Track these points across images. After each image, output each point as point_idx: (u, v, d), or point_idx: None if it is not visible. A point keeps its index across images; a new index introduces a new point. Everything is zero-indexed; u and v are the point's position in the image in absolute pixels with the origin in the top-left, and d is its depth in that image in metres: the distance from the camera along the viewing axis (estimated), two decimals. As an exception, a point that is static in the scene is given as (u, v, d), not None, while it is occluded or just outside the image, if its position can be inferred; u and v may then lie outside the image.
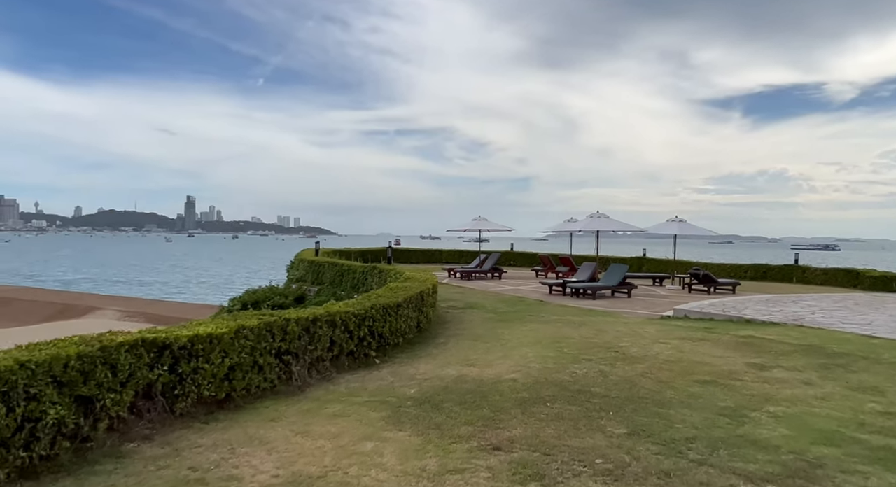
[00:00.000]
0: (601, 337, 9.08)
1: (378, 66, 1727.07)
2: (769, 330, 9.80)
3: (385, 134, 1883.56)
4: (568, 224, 19.09)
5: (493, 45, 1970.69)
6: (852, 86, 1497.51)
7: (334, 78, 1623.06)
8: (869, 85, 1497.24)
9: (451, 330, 10.06)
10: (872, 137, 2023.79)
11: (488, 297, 16.35)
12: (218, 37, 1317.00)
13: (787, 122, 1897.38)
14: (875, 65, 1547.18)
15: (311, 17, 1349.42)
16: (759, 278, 24.93)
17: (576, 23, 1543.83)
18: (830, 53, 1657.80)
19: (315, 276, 18.59)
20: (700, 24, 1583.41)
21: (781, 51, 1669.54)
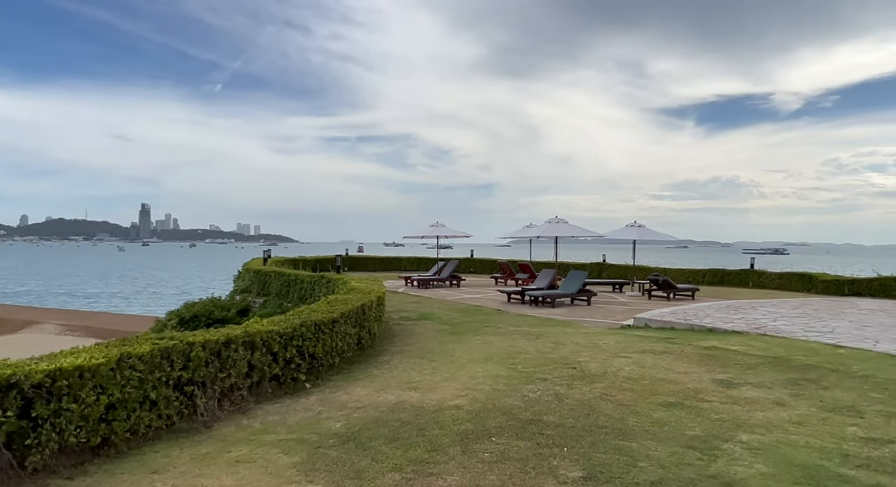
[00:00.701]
0: (558, 351, 8.42)
1: (340, 72, 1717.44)
2: (732, 339, 9.34)
3: (347, 140, 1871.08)
4: (527, 230, 18.55)
5: (454, 53, 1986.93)
6: (798, 96, 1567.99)
7: (295, 84, 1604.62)
8: (813, 95, 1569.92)
9: (399, 346, 9.25)
10: (816, 146, 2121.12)
11: (444, 307, 15.60)
12: (174, 41, 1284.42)
13: (738, 131, 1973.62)
14: (819, 76, 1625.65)
15: (271, 22, 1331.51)
16: (716, 283, 24.97)
17: (535, 32, 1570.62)
18: (778, 65, 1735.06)
19: (261, 287, 17.49)
20: (655, 35, 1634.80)
21: (732, 62, 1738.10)
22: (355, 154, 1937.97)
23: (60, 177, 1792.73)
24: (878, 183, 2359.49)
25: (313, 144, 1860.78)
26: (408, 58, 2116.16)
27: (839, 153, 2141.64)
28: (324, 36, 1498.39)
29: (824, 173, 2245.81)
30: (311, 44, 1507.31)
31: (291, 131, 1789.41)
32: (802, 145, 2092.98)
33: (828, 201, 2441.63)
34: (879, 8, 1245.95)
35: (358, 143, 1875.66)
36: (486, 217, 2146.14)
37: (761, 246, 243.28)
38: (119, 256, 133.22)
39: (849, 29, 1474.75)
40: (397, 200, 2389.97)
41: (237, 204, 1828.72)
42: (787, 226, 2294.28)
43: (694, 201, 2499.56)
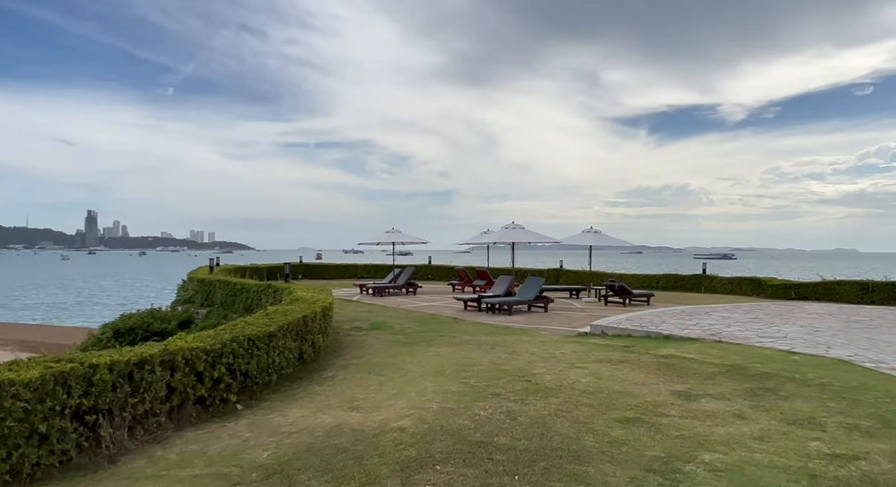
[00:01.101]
0: (513, 362, 8.05)
1: (297, 77, 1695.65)
2: (689, 347, 9.18)
3: (305, 146, 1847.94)
4: (484, 236, 18.25)
5: (413, 60, 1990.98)
6: (742, 107, 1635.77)
7: (251, 89, 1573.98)
8: (756, 107, 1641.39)
9: (347, 359, 8.70)
10: (760, 155, 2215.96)
11: (399, 315, 15.10)
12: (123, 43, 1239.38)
13: (688, 140, 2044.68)
14: (761, 89, 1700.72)
15: (226, 26, 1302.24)
16: (670, 288, 25.28)
17: (492, 41, 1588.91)
18: (724, 77, 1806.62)
19: (205, 297, 16.57)
20: (608, 47, 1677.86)
21: (681, 74, 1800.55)
22: (314, 160, 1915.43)
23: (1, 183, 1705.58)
24: (817, 191, 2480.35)
25: (270, 150, 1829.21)
26: (366, 64, 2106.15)
27: (781, 162, 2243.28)
28: (280, 40, 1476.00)
29: (768, 181, 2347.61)
30: (268, 48, 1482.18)
31: (248, 137, 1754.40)
32: (748, 154, 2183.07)
33: (772, 208, 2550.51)
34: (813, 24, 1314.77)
35: (316, 149, 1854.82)
36: (445, 223, 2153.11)
37: (711, 252, 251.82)
38: (62, 265, 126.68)
39: (787, 44, 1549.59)
40: (357, 207, 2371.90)
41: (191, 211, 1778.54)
42: (734, 232, 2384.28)
43: (647, 208, 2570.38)
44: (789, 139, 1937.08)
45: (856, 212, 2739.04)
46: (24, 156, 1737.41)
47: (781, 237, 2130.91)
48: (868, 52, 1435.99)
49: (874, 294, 19.35)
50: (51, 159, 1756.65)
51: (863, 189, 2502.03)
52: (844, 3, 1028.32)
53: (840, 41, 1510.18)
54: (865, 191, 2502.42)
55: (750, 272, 57.91)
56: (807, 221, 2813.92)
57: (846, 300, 19.33)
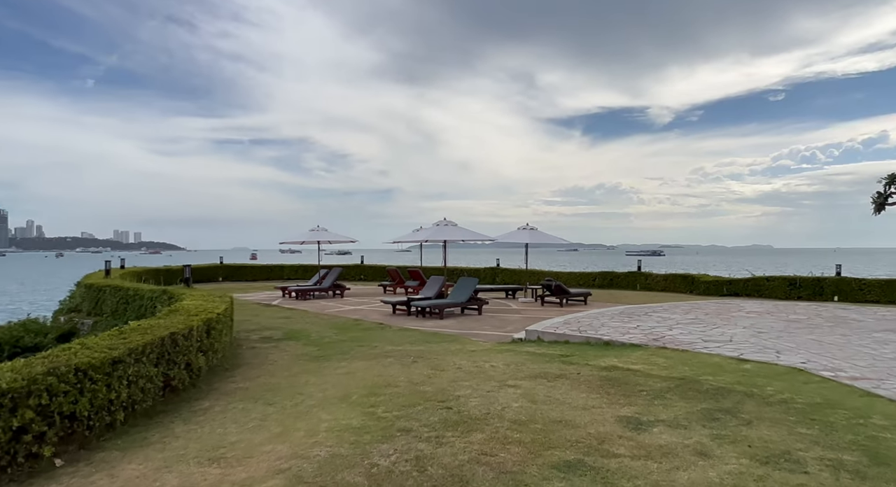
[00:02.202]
0: (435, 381, 6.83)
1: (230, 72, 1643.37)
2: (632, 355, 8.27)
3: (239, 143, 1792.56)
4: (416, 233, 16.99)
5: (351, 57, 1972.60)
6: (668, 110, 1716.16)
7: (180, 83, 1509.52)
8: (681, 110, 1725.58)
9: (236, 381, 7.22)
10: (686, 155, 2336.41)
11: (319, 322, 13.61)
12: (35, 30, 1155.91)
13: (620, 141, 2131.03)
14: (686, 93, 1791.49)
15: (152, 16, 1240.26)
16: (606, 285, 24.91)
17: (430, 39, 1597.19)
18: (652, 81, 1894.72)
19: (93, 304, 14.46)
20: (542, 49, 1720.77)
21: (612, 77, 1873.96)
22: (249, 157, 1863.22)
23: None
24: (737, 190, 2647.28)
25: (201, 146, 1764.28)
26: (303, 60, 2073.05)
27: (704, 163, 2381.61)
28: (211, 33, 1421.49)
29: (692, 181, 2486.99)
30: (198, 41, 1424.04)
31: (176, 132, 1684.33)
32: (674, 155, 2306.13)
33: (696, 206, 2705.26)
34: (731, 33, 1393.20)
35: (251, 146, 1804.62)
36: (385, 222, 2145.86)
37: (642, 249, 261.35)
38: None
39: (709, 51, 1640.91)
40: (294, 205, 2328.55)
41: (114, 210, 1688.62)
42: (663, 230, 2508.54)
43: (582, 206, 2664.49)
44: (711, 141, 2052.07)
45: (771, 211, 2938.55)
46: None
47: (705, 234, 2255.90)
48: (780, 61, 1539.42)
49: (801, 289, 19.52)
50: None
51: (776, 189, 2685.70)
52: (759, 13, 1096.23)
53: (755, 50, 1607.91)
54: (779, 190, 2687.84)
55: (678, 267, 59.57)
56: (727, 219, 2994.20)
57: (775, 296, 19.40)
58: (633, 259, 31.67)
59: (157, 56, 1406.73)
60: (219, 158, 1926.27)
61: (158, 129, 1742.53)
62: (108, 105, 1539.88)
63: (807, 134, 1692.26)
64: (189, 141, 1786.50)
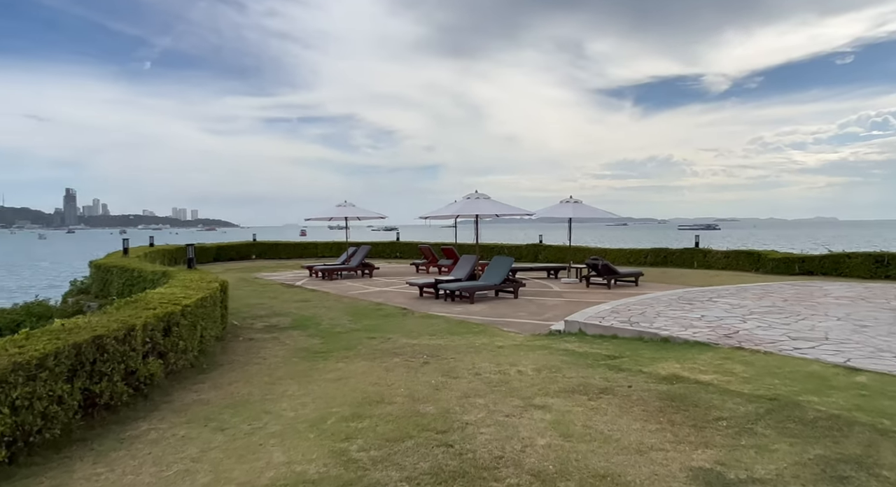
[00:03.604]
0: (442, 396, 5.32)
1: (277, 50, 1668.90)
2: (699, 358, 6.50)
3: (288, 121, 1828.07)
4: (446, 208, 15.42)
5: (396, 32, 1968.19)
6: (725, 77, 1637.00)
7: (230, 62, 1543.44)
8: (739, 77, 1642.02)
9: (203, 389, 5.91)
10: (743, 125, 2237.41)
11: (337, 307, 12.33)
12: (96, 15, 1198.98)
13: (672, 111, 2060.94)
14: (744, 58, 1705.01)
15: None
16: (659, 263, 22.75)
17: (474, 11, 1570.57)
18: (707, 47, 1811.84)
19: (102, 286, 13.64)
20: (592, 16, 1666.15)
21: (665, 44, 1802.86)
22: (297, 135, 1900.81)
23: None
24: (799, 160, 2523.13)
25: (252, 125, 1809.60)
26: (348, 37, 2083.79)
27: (763, 132, 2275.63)
28: (259, 12, 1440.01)
29: (750, 151, 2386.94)
30: (246, 20, 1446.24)
31: (228, 112, 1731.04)
32: (730, 125, 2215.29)
33: (754, 178, 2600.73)
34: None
35: (300, 125, 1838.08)
36: (430, 198, 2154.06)
37: (695, 223, 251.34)
38: (38, 244, 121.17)
39: (770, 12, 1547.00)
40: (342, 182, 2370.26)
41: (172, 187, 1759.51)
42: (717, 203, 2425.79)
43: (632, 179, 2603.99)
44: (771, 109, 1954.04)
45: (836, 181, 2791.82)
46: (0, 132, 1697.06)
47: (763, 207, 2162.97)
48: (849, 20, 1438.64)
49: (889, 267, 16.98)
50: (26, 135, 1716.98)
51: (843, 158, 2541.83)
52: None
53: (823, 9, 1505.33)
54: (846, 159, 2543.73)
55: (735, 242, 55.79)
56: (788, 191, 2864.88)
57: (858, 274, 16.96)
58: (686, 234, 29.24)
59: (208, 36, 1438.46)
60: (269, 136, 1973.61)
61: (211, 109, 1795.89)
62: (164, 86, 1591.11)
63: (878, 98, 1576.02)
64: (240, 120, 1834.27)
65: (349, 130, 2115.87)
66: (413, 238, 33.74)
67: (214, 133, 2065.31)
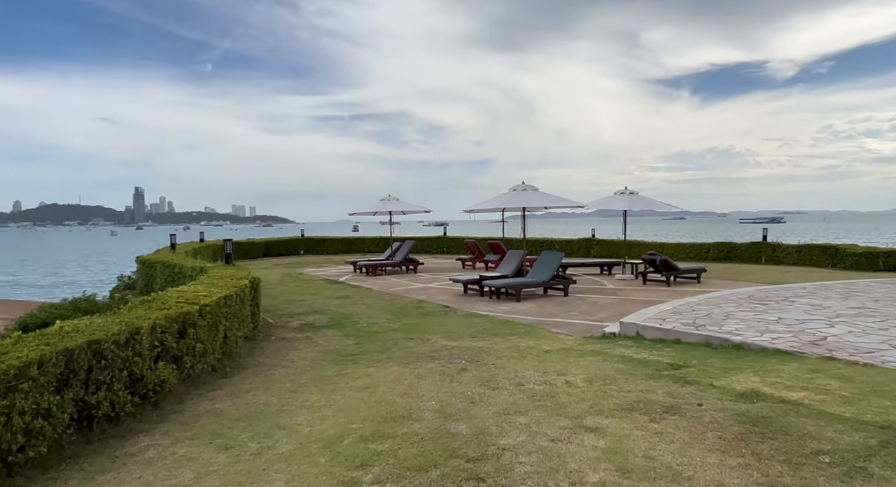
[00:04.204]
0: (478, 412, 4.64)
1: (330, 49, 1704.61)
2: (782, 370, 5.55)
3: (340, 119, 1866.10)
4: (491, 200, 14.66)
5: (447, 27, 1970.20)
6: (792, 63, 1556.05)
7: (285, 62, 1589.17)
8: (807, 62, 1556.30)
9: (219, 397, 5.46)
10: (812, 112, 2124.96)
11: (377, 304, 11.84)
12: (159, 20, 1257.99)
13: (733, 100, 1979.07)
14: (812, 43, 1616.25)
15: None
16: (723, 259, 21.26)
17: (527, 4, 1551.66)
18: (771, 32, 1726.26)
19: (146, 282, 13.66)
20: (648, 4, 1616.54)
21: (726, 30, 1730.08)
22: (349, 133, 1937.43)
23: (51, 162, 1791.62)
24: (874, 149, 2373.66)
25: (306, 124, 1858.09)
26: (398, 33, 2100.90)
27: (834, 120, 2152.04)
28: (312, 12, 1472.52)
29: (819, 140, 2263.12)
30: (300, 21, 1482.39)
31: (282, 111, 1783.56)
32: (797, 112, 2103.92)
33: (823, 168, 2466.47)
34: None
35: (351, 122, 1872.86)
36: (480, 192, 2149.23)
37: (758, 216, 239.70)
38: (108, 241, 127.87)
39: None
40: (393, 178, 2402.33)
41: (232, 185, 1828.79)
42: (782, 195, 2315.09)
43: (690, 172, 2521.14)
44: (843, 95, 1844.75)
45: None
46: (74, 135, 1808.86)
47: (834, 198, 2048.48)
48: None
49: None
50: (99, 138, 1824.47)
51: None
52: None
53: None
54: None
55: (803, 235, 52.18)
56: (862, 181, 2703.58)
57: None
58: (749, 227, 27.33)
59: (264, 38, 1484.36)
60: (322, 134, 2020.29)
61: (267, 108, 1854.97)
62: (223, 87, 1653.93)
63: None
64: (294, 118, 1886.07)
65: (400, 127, 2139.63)
66: (463, 233, 33.12)
67: (270, 132, 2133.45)
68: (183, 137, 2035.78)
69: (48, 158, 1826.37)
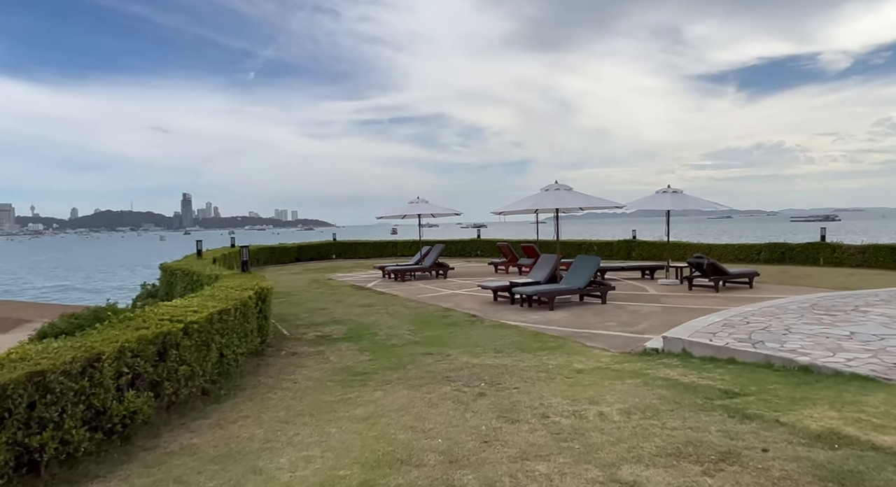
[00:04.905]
0: (491, 455, 3.87)
1: (369, 54, 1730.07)
2: (868, 406, 4.56)
3: (379, 123, 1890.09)
4: (522, 201, 13.81)
5: (484, 29, 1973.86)
6: (846, 54, 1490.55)
7: (326, 69, 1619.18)
8: (862, 53, 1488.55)
9: (201, 429, 4.85)
10: (867, 105, 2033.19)
11: (401, 313, 11.18)
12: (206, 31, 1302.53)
13: (782, 94, 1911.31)
14: (868, 32, 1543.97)
15: (302, 7, 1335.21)
16: (776, 260, 19.75)
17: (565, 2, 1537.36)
18: (823, 22, 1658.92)
19: (167, 289, 13.39)
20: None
21: (774, 22, 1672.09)
22: (388, 136, 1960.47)
23: (107, 170, 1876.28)
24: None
25: (347, 128, 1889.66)
26: (436, 37, 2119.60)
27: (892, 112, 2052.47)
28: (352, 19, 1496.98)
29: (876, 134, 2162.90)
30: (340, 27, 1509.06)
31: (325, 116, 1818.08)
32: (852, 105, 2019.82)
33: (881, 163, 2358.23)
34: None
35: (390, 126, 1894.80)
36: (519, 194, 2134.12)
37: (810, 214, 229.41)
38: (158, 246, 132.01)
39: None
40: (432, 181, 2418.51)
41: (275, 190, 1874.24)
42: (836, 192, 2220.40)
43: (736, 169, 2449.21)
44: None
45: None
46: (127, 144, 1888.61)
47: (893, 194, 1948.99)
48: None
49: None
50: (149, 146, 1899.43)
51: None
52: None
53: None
54: None
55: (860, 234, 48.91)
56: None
57: None
58: (801, 226, 25.58)
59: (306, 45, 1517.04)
60: (362, 138, 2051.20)
61: (309, 114, 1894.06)
62: (266, 94, 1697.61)
63: None
64: (336, 124, 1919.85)
65: (438, 129, 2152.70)
66: (500, 235, 32.20)
67: (312, 137, 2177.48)
68: (228, 144, 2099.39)
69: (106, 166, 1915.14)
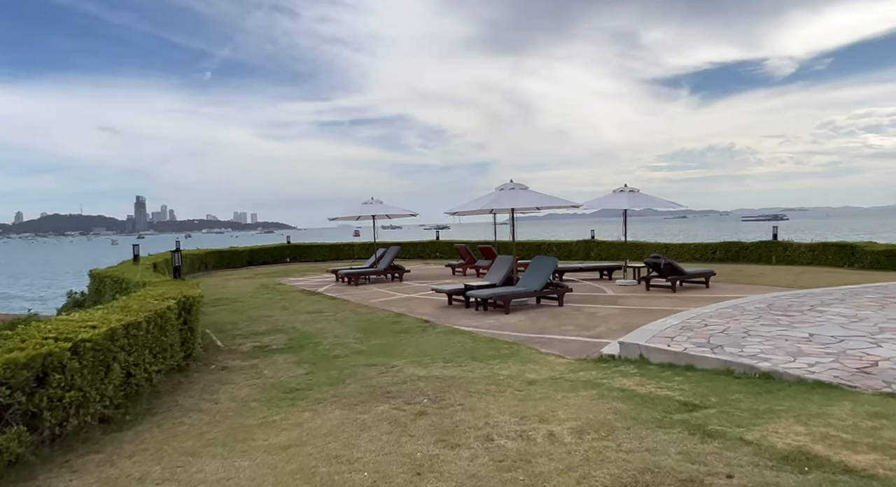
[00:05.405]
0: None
1: (329, 55, 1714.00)
2: (835, 418, 4.21)
3: (340, 124, 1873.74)
4: (476, 201, 13.33)
5: (444, 31, 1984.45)
6: (791, 60, 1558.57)
7: (285, 69, 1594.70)
8: (806, 59, 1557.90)
9: (86, 466, 4.15)
10: (811, 109, 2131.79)
11: (350, 319, 10.54)
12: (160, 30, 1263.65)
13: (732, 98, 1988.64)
14: (811, 38, 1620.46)
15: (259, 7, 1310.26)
16: (730, 259, 19.92)
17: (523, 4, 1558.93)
18: (770, 29, 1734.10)
19: (96, 298, 12.37)
20: (647, 4, 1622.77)
21: (725, 28, 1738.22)
22: (350, 137, 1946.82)
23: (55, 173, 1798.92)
24: (875, 144, 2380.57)
25: (308, 130, 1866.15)
26: (397, 38, 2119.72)
27: (835, 116, 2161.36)
28: (312, 19, 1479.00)
29: (820, 136, 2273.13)
30: (299, 27, 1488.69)
31: (284, 117, 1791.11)
32: (797, 109, 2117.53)
33: (824, 165, 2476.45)
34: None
35: (352, 127, 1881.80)
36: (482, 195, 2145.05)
37: (760, 213, 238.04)
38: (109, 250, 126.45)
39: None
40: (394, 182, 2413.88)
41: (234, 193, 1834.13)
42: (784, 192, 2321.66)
43: (691, 170, 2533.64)
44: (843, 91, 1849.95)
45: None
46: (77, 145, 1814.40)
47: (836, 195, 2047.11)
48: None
49: None
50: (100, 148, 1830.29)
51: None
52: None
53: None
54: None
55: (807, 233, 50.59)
56: (863, 177, 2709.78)
57: None
58: (752, 225, 26.03)
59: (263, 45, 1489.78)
60: (323, 140, 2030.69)
61: (269, 115, 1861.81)
62: (223, 95, 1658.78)
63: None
64: (296, 125, 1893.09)
65: (400, 131, 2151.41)
66: (463, 236, 31.70)
67: (272, 138, 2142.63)
68: (184, 146, 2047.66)
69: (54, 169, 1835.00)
